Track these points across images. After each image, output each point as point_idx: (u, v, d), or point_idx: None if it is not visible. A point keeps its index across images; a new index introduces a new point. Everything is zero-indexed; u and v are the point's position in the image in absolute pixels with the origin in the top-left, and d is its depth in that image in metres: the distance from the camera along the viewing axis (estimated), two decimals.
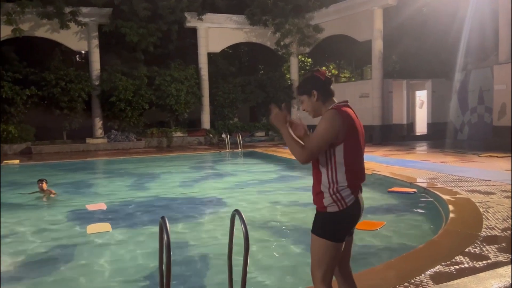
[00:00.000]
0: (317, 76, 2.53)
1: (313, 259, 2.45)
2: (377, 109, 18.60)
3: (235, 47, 24.11)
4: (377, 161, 11.52)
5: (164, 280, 2.67)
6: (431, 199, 6.77)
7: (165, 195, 8.22)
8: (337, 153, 2.37)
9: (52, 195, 8.06)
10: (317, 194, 2.42)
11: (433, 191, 6.98)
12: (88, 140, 18.06)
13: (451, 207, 5.77)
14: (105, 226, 5.84)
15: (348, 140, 2.36)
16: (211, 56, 21.46)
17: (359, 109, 19.04)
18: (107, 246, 5.11)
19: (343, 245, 2.45)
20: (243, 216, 2.75)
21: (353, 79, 27.31)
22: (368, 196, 7.71)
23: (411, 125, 20.36)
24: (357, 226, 5.47)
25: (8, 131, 16.44)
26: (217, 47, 21.27)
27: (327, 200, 2.37)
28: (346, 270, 2.62)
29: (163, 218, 2.63)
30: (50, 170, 12.12)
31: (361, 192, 2.52)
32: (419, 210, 6.47)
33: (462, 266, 3.71)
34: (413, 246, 4.57)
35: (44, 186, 8.07)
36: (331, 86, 2.53)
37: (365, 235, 5.22)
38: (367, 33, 18.72)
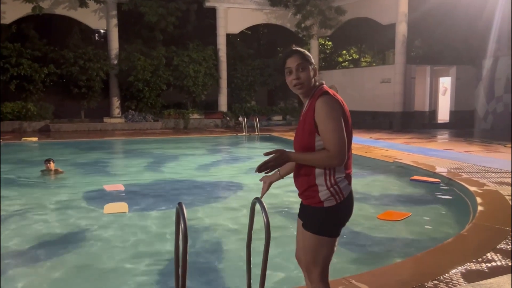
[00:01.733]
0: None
1: (308, 257, 2.21)
2: (399, 95, 18.12)
3: (254, 28, 23.70)
4: (398, 148, 11.21)
5: (180, 269, 2.54)
6: (457, 190, 6.49)
7: (181, 177, 8.11)
8: None
9: (60, 173, 8.06)
10: (310, 188, 2.14)
11: (458, 181, 6.69)
12: (106, 119, 18.09)
13: (478, 199, 5.49)
14: (122, 206, 5.78)
15: (345, 125, 2.10)
16: (229, 37, 21.13)
17: (379, 95, 18.54)
18: (123, 227, 5.03)
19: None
20: (265, 205, 2.56)
21: (374, 64, 26.67)
22: (390, 184, 7.48)
23: (433, 112, 19.81)
24: (381, 216, 5.32)
25: (27, 109, 16.55)
26: (236, 28, 20.91)
27: (323, 194, 2.10)
28: None
29: (180, 204, 2.47)
30: (67, 148, 12.15)
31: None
32: (444, 201, 6.20)
33: (495, 264, 3.47)
34: (440, 240, 4.34)
35: (52, 165, 8.06)
36: None
37: (389, 226, 5.02)
38: (391, 16, 18.11)
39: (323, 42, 27.03)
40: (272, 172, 2.29)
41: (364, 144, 12.41)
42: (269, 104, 23.14)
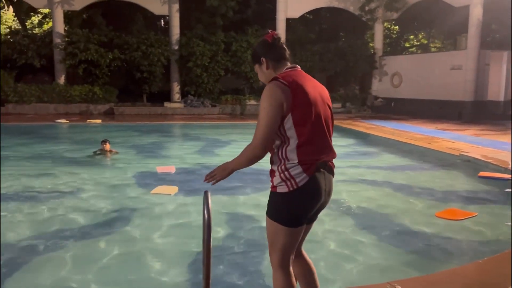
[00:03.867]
0: (265, 40, 2.24)
1: (268, 241, 2.22)
2: (470, 83, 16.76)
3: (315, 12, 23.00)
4: (466, 140, 10.34)
5: (205, 260, 2.39)
6: None
7: None
8: (286, 125, 2.06)
9: (115, 154, 8.32)
10: (271, 173, 2.18)
11: None
12: (166, 104, 18.53)
13: None
14: (172, 189, 5.80)
15: (296, 110, 2.04)
16: (289, 21, 20.68)
17: (448, 83, 17.25)
18: (167, 209, 5.02)
19: (301, 231, 2.18)
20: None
21: (444, 50, 24.94)
22: (454, 180, 6.87)
23: (508, 103, 18.10)
24: (441, 214, 4.85)
25: (93, 92, 17.36)
26: (296, 12, 20.39)
27: (276, 179, 2.11)
28: (296, 253, 2.32)
29: (205, 192, 2.32)
30: (128, 131, 12.57)
31: (330, 172, 2.18)
32: None
33: None
34: (508, 245, 3.84)
35: (107, 146, 8.34)
36: (283, 49, 2.23)
37: (449, 226, 4.55)
38: None
39: (389, 26, 25.69)
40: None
41: (428, 134, 11.61)
42: (328, 91, 22.29)
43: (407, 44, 27.54)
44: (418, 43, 28.36)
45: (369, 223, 4.66)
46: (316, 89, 2.20)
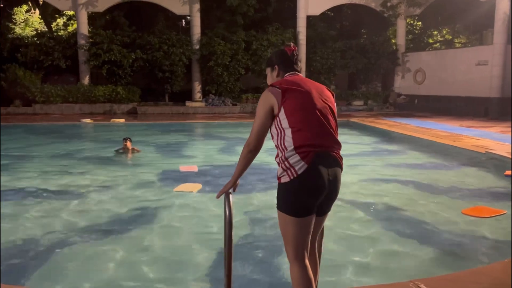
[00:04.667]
0: (284, 51, 2.48)
1: (282, 234, 2.33)
2: (497, 79, 16.32)
3: (336, 9, 22.79)
4: (492, 137, 10.08)
5: (226, 261, 2.42)
6: None
7: (254, 163, 8.03)
8: (281, 118, 2.24)
9: (136, 152, 8.41)
10: (278, 166, 2.31)
11: None
12: (188, 103, 18.70)
13: None
14: (195, 186, 5.88)
15: (287, 100, 2.23)
16: (310, 19, 20.56)
17: (473, 79, 16.84)
18: (189, 208, 5.07)
19: (311, 221, 2.25)
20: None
21: (469, 45, 24.34)
22: (479, 178, 6.71)
23: None
24: (468, 211, 4.76)
25: (117, 92, 17.66)
26: (317, 10, 20.26)
27: (279, 170, 2.26)
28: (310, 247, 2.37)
29: (226, 193, 2.37)
30: (150, 130, 12.76)
31: (335, 162, 2.24)
32: None
33: None
34: None
35: (129, 144, 8.44)
36: (296, 64, 2.46)
37: (476, 223, 4.45)
38: None
39: (411, 22, 25.25)
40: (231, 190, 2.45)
41: (452, 131, 11.38)
42: (350, 89, 22.27)
43: (430, 40, 26.98)
44: (442, 38, 27.75)
45: (393, 220, 4.61)
46: (313, 87, 2.34)
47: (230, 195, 2.36)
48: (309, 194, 2.18)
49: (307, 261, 2.27)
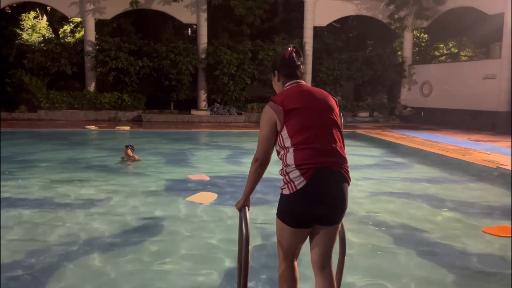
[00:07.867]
0: (282, 54, 2.45)
1: (276, 237, 2.44)
2: (505, 93, 16.21)
3: (343, 20, 22.85)
4: (502, 152, 9.95)
5: (242, 277, 2.30)
6: None
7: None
8: (284, 137, 2.31)
9: (136, 161, 8.31)
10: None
11: None
12: (193, 112, 18.65)
13: None
14: (211, 196, 5.82)
15: (289, 120, 2.28)
16: (317, 30, 20.59)
17: (481, 93, 16.74)
18: (199, 218, 4.95)
19: (305, 233, 2.35)
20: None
21: (475, 59, 24.29)
22: (491, 193, 6.58)
23: None
24: (488, 229, 4.62)
25: (122, 99, 17.65)
26: (324, 21, 20.30)
27: (282, 182, 2.34)
28: (319, 264, 2.39)
29: (243, 209, 2.28)
30: (154, 138, 12.67)
31: (338, 176, 2.26)
32: None
33: None
34: None
35: (130, 152, 8.33)
36: (295, 68, 2.41)
37: (495, 242, 4.32)
38: (499, 4, 16.23)
39: (418, 34, 25.25)
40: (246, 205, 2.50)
41: (461, 145, 11.25)
42: (356, 100, 22.20)
43: (436, 53, 26.97)
44: (448, 51, 27.72)
45: (404, 237, 4.47)
46: (316, 99, 2.34)
47: (247, 211, 2.25)
48: (307, 207, 2.25)
49: (295, 263, 2.46)
